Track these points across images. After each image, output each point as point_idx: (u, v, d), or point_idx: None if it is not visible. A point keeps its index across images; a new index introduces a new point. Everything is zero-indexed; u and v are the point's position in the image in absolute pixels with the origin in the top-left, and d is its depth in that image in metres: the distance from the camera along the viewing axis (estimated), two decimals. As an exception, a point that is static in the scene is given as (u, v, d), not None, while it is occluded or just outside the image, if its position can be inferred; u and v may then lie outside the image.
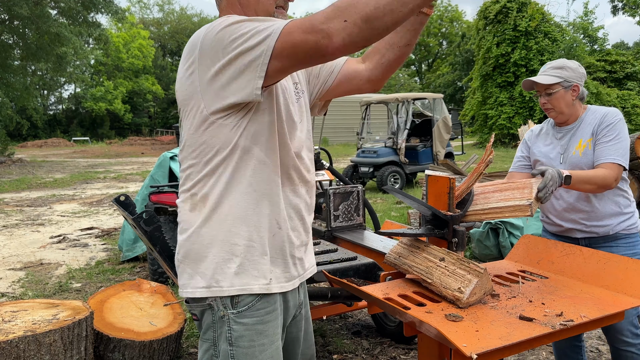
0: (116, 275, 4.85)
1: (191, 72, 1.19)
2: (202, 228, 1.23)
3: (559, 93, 2.09)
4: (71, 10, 19.65)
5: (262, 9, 1.31)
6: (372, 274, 2.27)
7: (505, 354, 1.31)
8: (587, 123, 2.12)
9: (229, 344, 1.21)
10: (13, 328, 2.41)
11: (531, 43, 22.57)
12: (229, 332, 1.21)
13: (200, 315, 1.26)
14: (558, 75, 2.09)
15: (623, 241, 2.11)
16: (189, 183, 1.25)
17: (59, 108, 44.66)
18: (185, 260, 1.26)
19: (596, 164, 2.02)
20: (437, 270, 1.60)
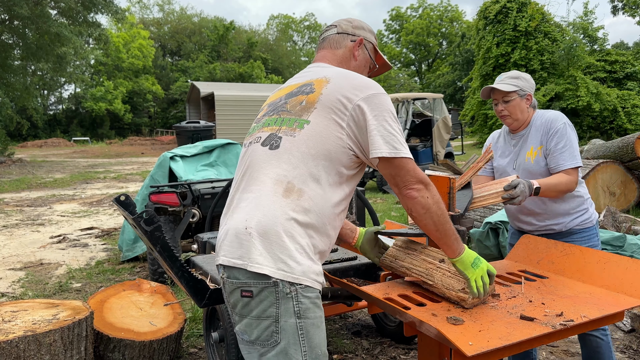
0: (116, 275, 4.85)
1: None
2: None
3: (515, 101, 2.25)
4: (71, 10, 19.66)
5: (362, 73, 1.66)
6: (372, 274, 2.27)
7: (505, 354, 1.31)
8: (535, 129, 2.27)
9: (297, 316, 1.32)
10: (13, 328, 2.41)
11: (531, 43, 22.56)
12: (297, 306, 1.32)
13: (257, 291, 1.32)
14: (515, 84, 2.25)
15: (578, 235, 2.24)
16: None
17: (59, 108, 44.64)
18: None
19: (556, 172, 2.16)
20: (437, 272, 1.60)
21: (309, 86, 1.49)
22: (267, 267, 1.31)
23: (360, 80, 1.45)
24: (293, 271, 1.32)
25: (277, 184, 1.37)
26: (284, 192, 1.36)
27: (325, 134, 1.38)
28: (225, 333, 2.46)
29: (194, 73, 43.92)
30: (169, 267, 1.78)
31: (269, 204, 1.35)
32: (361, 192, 3.14)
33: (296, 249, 1.34)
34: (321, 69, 1.56)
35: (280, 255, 1.32)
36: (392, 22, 57.48)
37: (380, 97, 1.42)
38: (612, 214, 5.25)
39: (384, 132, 1.38)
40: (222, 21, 50.17)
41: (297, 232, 1.34)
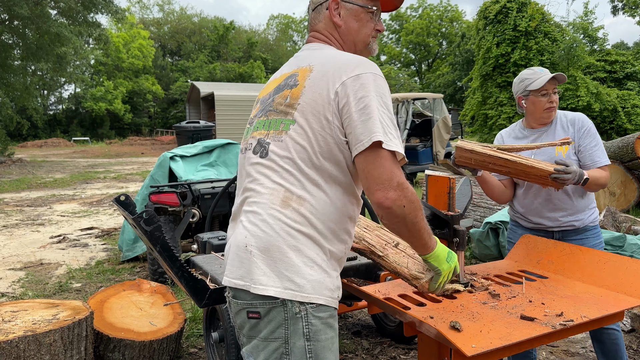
0: (116, 275, 4.85)
1: None
2: None
3: (557, 94, 2.29)
4: (71, 10, 19.65)
5: (361, 40, 1.44)
6: (372, 274, 2.27)
7: (505, 354, 1.31)
8: (561, 126, 2.30)
9: (306, 339, 1.22)
10: (13, 328, 2.41)
11: (531, 43, 22.55)
12: (306, 328, 1.22)
13: (265, 312, 1.22)
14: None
15: (590, 232, 2.29)
16: None
17: (59, 108, 44.63)
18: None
19: (590, 169, 2.21)
20: (391, 250, 1.60)
21: (293, 77, 1.35)
22: (273, 287, 1.21)
23: (344, 60, 1.28)
24: (302, 289, 1.21)
25: (272, 194, 1.26)
26: (282, 202, 1.24)
27: (313, 133, 1.24)
28: (225, 333, 2.46)
29: (194, 73, 43.91)
30: (169, 267, 1.78)
31: (267, 218, 1.24)
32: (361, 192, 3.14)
33: (304, 262, 1.22)
34: (309, 52, 1.41)
35: (286, 273, 1.21)
36: (392, 22, 57.45)
37: (366, 77, 1.23)
38: (612, 214, 5.25)
39: (365, 119, 1.19)
40: (222, 21, 50.18)
41: (302, 243, 1.23)
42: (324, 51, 1.38)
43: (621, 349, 2.26)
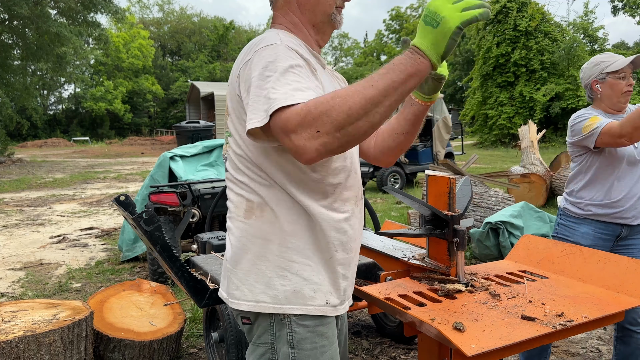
0: (116, 275, 4.85)
1: None
2: None
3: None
4: (71, 10, 19.66)
5: (321, 10, 1.26)
6: (372, 274, 2.27)
7: (505, 354, 1.31)
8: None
9: (290, 346, 1.18)
10: (13, 328, 2.41)
11: (531, 43, 22.57)
12: (290, 335, 1.18)
13: (254, 318, 1.22)
14: None
15: None
16: None
17: (58, 108, 44.65)
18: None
19: None
20: None
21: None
22: (245, 302, 1.19)
23: (248, 45, 1.17)
24: (275, 300, 1.17)
25: (237, 206, 1.23)
26: (245, 213, 1.21)
27: (240, 138, 1.18)
28: (225, 333, 2.46)
29: (193, 73, 43.92)
30: (169, 267, 1.78)
31: (235, 231, 1.23)
32: (361, 192, 3.14)
33: (276, 272, 1.17)
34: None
35: (257, 285, 1.18)
36: (392, 22, 57.46)
37: (261, 54, 1.08)
38: (612, 213, 5.24)
39: (253, 95, 1.04)
40: (222, 21, 50.18)
41: (272, 251, 1.18)
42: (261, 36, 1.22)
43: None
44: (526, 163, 8.26)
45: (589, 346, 3.07)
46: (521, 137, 9.47)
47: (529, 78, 22.95)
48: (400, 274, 1.92)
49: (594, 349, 3.04)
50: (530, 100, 22.34)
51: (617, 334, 2.29)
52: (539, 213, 4.94)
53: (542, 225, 4.78)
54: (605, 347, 3.05)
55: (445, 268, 1.77)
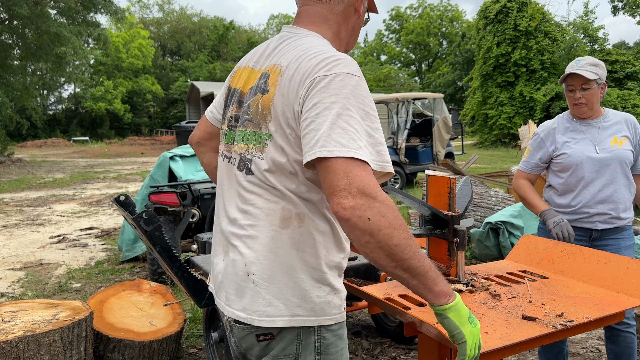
0: (116, 275, 4.84)
1: None
2: None
3: (593, 89, 2.21)
4: (71, 10, 19.65)
5: (354, 43, 1.35)
6: (372, 274, 2.27)
7: (505, 354, 1.31)
8: (615, 122, 2.28)
9: (317, 353, 1.16)
10: (13, 328, 2.41)
11: (531, 43, 22.57)
12: (318, 342, 1.16)
13: (277, 332, 1.15)
14: (595, 73, 2.20)
15: (626, 233, 2.29)
16: None
17: (58, 108, 44.63)
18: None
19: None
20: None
21: (265, 77, 1.19)
22: (280, 318, 1.13)
23: (314, 61, 1.09)
24: (311, 313, 1.14)
25: (270, 215, 1.14)
26: (281, 222, 1.13)
27: (289, 146, 1.11)
28: (225, 333, 2.46)
29: (193, 73, 43.91)
30: (169, 267, 1.78)
31: (268, 240, 1.14)
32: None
33: (312, 284, 1.14)
34: (285, 43, 1.22)
35: (293, 299, 1.13)
36: (392, 22, 57.46)
37: (350, 80, 1.05)
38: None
39: (316, 128, 1.01)
40: (222, 21, 50.19)
41: (308, 264, 1.14)
42: (298, 43, 1.18)
43: (634, 353, 2.26)
44: (526, 163, 8.24)
45: (589, 346, 3.07)
46: (521, 137, 9.47)
47: (529, 78, 22.95)
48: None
49: (594, 349, 3.03)
50: (531, 100, 22.35)
51: (606, 333, 2.33)
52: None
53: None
54: (606, 347, 3.06)
55: (446, 268, 1.77)
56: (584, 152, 2.24)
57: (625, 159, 2.21)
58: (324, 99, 1.03)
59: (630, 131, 2.26)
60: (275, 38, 1.27)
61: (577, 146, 2.26)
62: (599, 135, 2.25)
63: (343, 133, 0.99)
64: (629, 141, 2.24)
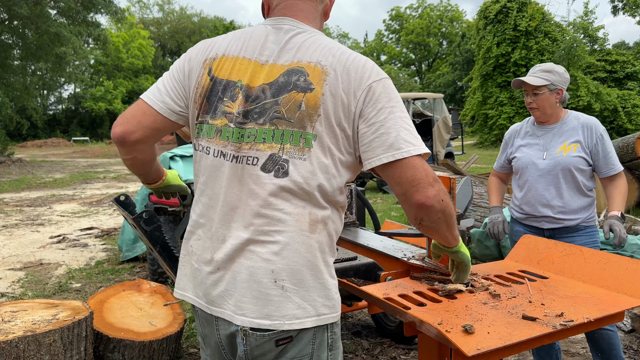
0: (116, 275, 4.85)
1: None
2: None
3: (544, 95, 2.29)
4: (71, 10, 19.66)
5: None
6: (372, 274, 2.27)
7: (505, 354, 1.31)
8: (571, 127, 2.33)
9: (329, 349, 1.20)
10: (13, 328, 2.41)
11: (531, 43, 22.58)
12: (330, 338, 1.20)
13: (296, 333, 1.15)
14: (546, 78, 2.28)
15: (583, 232, 2.33)
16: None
17: (58, 108, 44.67)
18: None
19: (608, 175, 2.31)
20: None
21: (300, 75, 1.15)
22: (308, 319, 1.14)
23: (359, 61, 1.16)
24: (332, 309, 1.18)
25: (299, 220, 1.14)
26: (310, 227, 1.15)
27: (337, 147, 1.14)
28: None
29: (193, 73, 43.83)
30: (169, 267, 1.78)
31: (299, 247, 1.13)
32: (361, 192, 3.13)
33: (333, 283, 1.19)
34: (303, 36, 1.20)
35: (319, 299, 1.16)
36: (392, 22, 57.47)
37: (387, 83, 1.16)
38: (612, 213, 5.25)
39: (387, 131, 1.11)
40: (222, 21, 50.19)
41: (328, 264, 1.19)
42: (320, 41, 1.19)
43: (617, 349, 2.26)
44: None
45: (589, 346, 3.07)
46: (521, 137, 9.47)
47: (529, 78, 22.95)
48: (400, 274, 1.92)
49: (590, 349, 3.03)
50: (530, 100, 22.34)
51: (587, 334, 2.34)
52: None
53: (542, 225, 4.77)
54: (605, 347, 3.06)
55: (446, 268, 1.77)
56: (531, 157, 2.37)
57: (569, 165, 2.27)
58: (386, 104, 1.13)
59: (584, 136, 2.29)
60: (271, 29, 1.22)
61: (528, 151, 2.39)
62: (552, 141, 2.35)
63: (408, 133, 1.13)
64: (580, 147, 2.28)
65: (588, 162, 2.29)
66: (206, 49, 1.26)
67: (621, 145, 7.17)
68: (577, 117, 2.36)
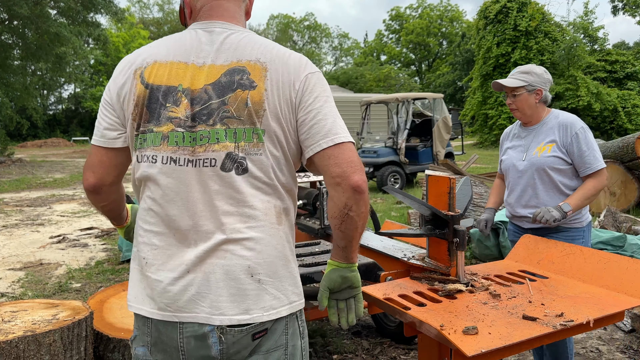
0: (116, 275, 4.85)
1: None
2: None
3: (523, 96, 2.33)
4: (71, 10, 19.65)
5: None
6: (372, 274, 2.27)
7: (505, 354, 1.31)
8: (549, 127, 2.34)
9: (301, 337, 1.25)
10: (13, 328, 2.41)
11: (531, 43, 22.58)
12: (301, 326, 1.25)
13: (271, 325, 1.18)
14: (523, 80, 2.32)
15: (565, 233, 2.30)
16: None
17: (58, 108, 44.66)
18: None
19: (585, 174, 2.27)
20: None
21: (243, 73, 1.17)
22: (283, 307, 1.18)
23: (294, 57, 1.22)
24: (300, 296, 1.24)
25: (267, 214, 1.17)
26: (277, 219, 1.20)
27: (285, 139, 1.18)
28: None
29: (194, 73, 43.90)
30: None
31: (271, 240, 1.17)
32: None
33: (297, 271, 1.26)
34: (237, 36, 1.22)
35: (290, 288, 1.21)
36: (391, 22, 57.47)
37: (319, 76, 1.23)
38: (613, 214, 5.25)
39: (327, 116, 1.18)
40: (222, 21, 50.18)
41: (293, 252, 1.26)
42: (255, 40, 1.23)
43: (565, 350, 2.28)
44: (526, 163, 8.26)
45: (589, 346, 3.08)
46: (521, 137, 9.47)
47: (529, 78, 22.96)
48: (400, 274, 1.92)
49: (594, 349, 3.04)
50: (530, 100, 22.35)
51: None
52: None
53: (542, 225, 4.77)
54: (605, 347, 3.06)
55: (446, 268, 1.77)
56: (512, 159, 2.43)
57: (544, 165, 2.28)
58: (322, 93, 1.20)
59: (560, 135, 2.29)
60: (202, 32, 1.23)
61: (512, 153, 2.45)
62: (532, 142, 2.37)
63: (342, 123, 1.21)
64: (555, 146, 2.28)
65: (566, 161, 2.27)
66: (133, 60, 1.25)
67: (621, 145, 7.16)
68: (557, 116, 2.35)
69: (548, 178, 2.28)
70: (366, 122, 12.09)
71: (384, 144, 11.16)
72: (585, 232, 2.33)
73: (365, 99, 12.37)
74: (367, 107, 11.90)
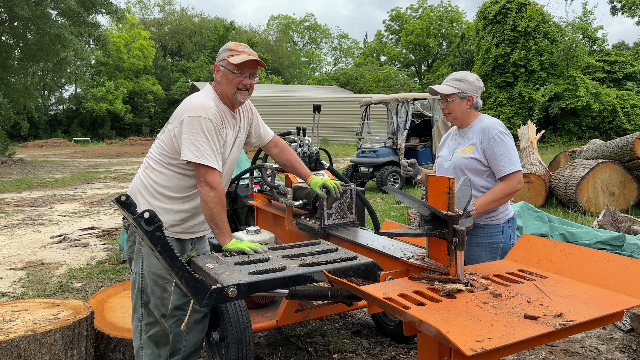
0: (117, 274, 4.85)
1: None
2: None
3: (455, 102, 2.45)
4: (71, 10, 19.65)
5: (227, 92, 2.29)
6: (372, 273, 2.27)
7: (505, 354, 1.32)
8: (473, 131, 2.47)
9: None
10: (14, 328, 2.42)
11: (530, 43, 22.58)
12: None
13: None
14: (456, 87, 2.44)
15: (481, 230, 2.42)
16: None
17: (59, 108, 44.62)
18: None
19: (498, 177, 2.38)
20: None
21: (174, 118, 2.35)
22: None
23: (187, 106, 2.24)
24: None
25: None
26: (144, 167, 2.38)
27: (173, 142, 2.26)
28: (225, 333, 2.47)
29: (194, 73, 43.93)
30: (169, 267, 1.79)
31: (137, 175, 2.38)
32: (361, 192, 3.14)
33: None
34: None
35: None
36: (391, 22, 57.43)
37: (188, 120, 2.17)
38: (612, 213, 5.26)
39: (188, 144, 2.17)
40: (223, 21, 50.21)
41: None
42: (196, 92, 2.31)
43: None
44: (525, 163, 8.27)
45: (588, 346, 3.08)
46: (520, 137, 9.48)
47: (528, 78, 22.96)
48: (400, 274, 1.93)
49: (593, 349, 3.04)
50: (530, 101, 22.35)
51: None
52: (538, 213, 4.94)
53: (542, 225, 4.79)
54: (605, 346, 3.06)
55: (445, 268, 1.78)
56: (441, 159, 2.59)
57: (461, 166, 2.41)
58: (184, 128, 2.23)
59: (479, 139, 2.40)
60: None
61: (443, 152, 2.58)
62: (459, 145, 2.51)
63: (197, 148, 2.22)
64: (475, 149, 2.40)
65: (483, 163, 2.39)
66: None
67: (620, 145, 7.16)
68: (482, 120, 2.47)
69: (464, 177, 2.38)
70: (366, 123, 12.10)
71: (383, 144, 11.17)
72: (504, 227, 2.43)
73: (364, 99, 12.38)
74: (366, 107, 11.90)
